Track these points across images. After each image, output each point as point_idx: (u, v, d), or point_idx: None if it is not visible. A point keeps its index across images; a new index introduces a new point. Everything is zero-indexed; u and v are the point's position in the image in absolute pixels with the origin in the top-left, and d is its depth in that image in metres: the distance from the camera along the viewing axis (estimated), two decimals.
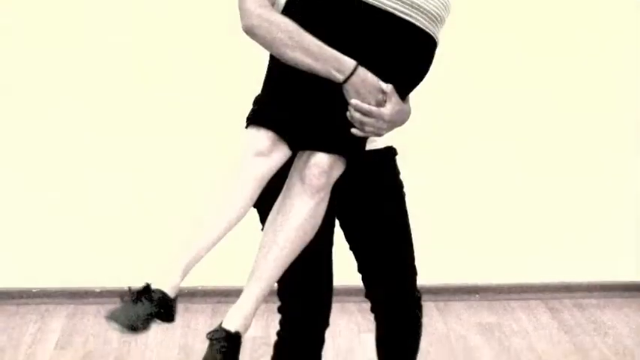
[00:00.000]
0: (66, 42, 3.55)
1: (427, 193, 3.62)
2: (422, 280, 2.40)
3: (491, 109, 3.74)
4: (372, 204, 2.29)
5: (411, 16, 1.99)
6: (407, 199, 2.34)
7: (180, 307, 1.94)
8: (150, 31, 3.56)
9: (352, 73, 1.97)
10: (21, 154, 3.65)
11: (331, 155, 2.02)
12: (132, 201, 3.68)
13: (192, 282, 2.03)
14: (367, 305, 2.40)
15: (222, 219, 1.95)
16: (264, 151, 1.98)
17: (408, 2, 1.98)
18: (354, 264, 2.36)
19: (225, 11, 2.35)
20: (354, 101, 1.99)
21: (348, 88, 1.98)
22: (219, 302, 3.68)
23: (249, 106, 2.12)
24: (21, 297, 3.73)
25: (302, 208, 2.01)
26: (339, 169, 2.05)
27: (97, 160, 3.65)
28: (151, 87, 3.60)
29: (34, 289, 3.75)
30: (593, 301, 3.86)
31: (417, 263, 2.36)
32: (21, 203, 3.69)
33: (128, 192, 3.67)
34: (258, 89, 2.09)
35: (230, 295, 2.45)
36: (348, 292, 3.05)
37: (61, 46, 3.56)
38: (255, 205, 2.05)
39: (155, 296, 1.85)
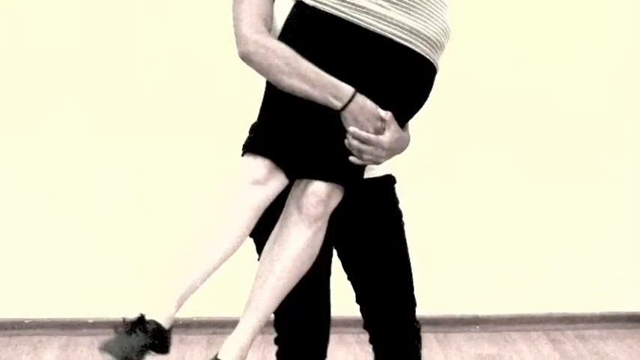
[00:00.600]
0: (66, 42, 3.56)
1: (426, 221, 3.59)
2: (421, 311, 2.37)
3: (490, 116, 3.72)
4: (370, 233, 2.26)
5: (410, 42, 1.97)
6: (405, 227, 2.31)
7: (175, 339, 1.91)
8: (150, 31, 3.58)
9: (350, 100, 1.95)
10: (20, 155, 3.62)
11: (329, 184, 2.00)
12: (131, 203, 3.66)
13: (187, 313, 2.01)
14: (365, 336, 2.37)
15: (217, 249, 1.93)
16: (261, 180, 1.97)
17: (407, 28, 1.97)
18: (353, 294, 2.33)
19: (225, 11, 2.33)
20: (352, 129, 1.97)
21: (346, 116, 1.96)
22: (214, 333, 3.65)
23: (249, 106, 2.09)
24: (13, 328, 3.70)
25: (299, 238, 1.99)
26: (336, 197, 2.03)
27: (97, 161, 3.63)
28: (151, 87, 3.61)
29: (27, 319, 3.71)
30: (596, 332, 3.82)
31: (416, 294, 2.33)
32: (11, 229, 3.65)
33: (128, 194, 3.66)
34: (257, 89, 2.06)
35: (226, 326, 2.42)
36: (346, 323, 3.01)
37: (61, 46, 3.56)
38: (252, 235, 2.03)
39: (149, 327, 1.83)
